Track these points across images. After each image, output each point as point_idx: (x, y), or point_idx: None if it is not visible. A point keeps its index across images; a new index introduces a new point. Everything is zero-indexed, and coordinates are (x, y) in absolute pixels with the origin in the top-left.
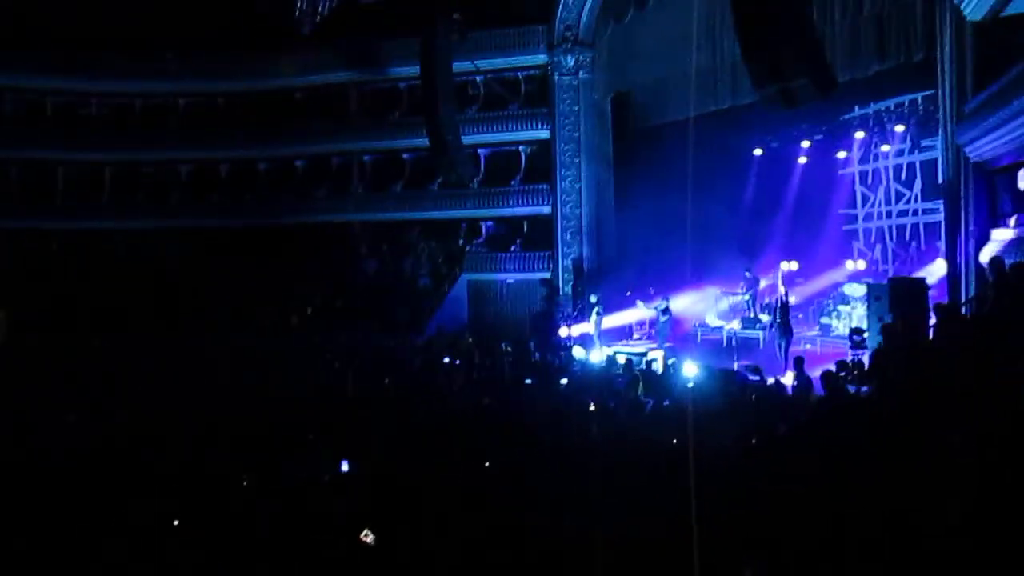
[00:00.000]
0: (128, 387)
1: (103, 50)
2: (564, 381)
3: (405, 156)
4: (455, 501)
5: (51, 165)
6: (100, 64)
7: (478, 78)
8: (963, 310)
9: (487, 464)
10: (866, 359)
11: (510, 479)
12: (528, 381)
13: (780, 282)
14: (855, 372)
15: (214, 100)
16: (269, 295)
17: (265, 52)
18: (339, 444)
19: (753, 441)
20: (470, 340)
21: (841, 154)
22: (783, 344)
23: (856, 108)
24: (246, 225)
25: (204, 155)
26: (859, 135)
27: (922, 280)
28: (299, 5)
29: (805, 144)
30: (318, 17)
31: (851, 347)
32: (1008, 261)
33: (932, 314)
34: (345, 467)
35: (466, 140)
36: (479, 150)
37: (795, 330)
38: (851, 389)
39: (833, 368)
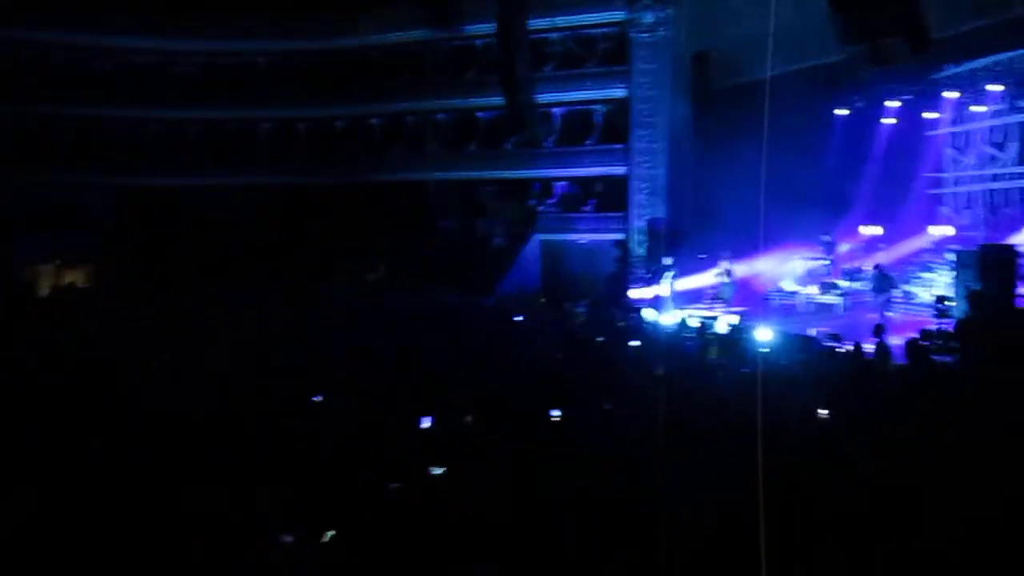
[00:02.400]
0: (214, 338)
1: (188, 10)
2: (635, 343)
3: (480, 115)
4: (522, 459)
5: (139, 122)
6: (185, 24)
7: (554, 35)
8: None
9: (554, 421)
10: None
11: (575, 436)
12: (600, 340)
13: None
14: (940, 341)
15: (293, 59)
16: (346, 253)
17: (343, 11)
18: (418, 402)
19: (830, 412)
20: (543, 300)
21: (931, 115)
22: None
23: (950, 66)
24: (323, 182)
25: (283, 114)
26: (951, 95)
27: (1011, 247)
28: None
29: (893, 104)
30: None
31: (936, 315)
32: None
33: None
34: (426, 423)
35: (541, 99)
36: (554, 109)
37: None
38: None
39: (917, 336)
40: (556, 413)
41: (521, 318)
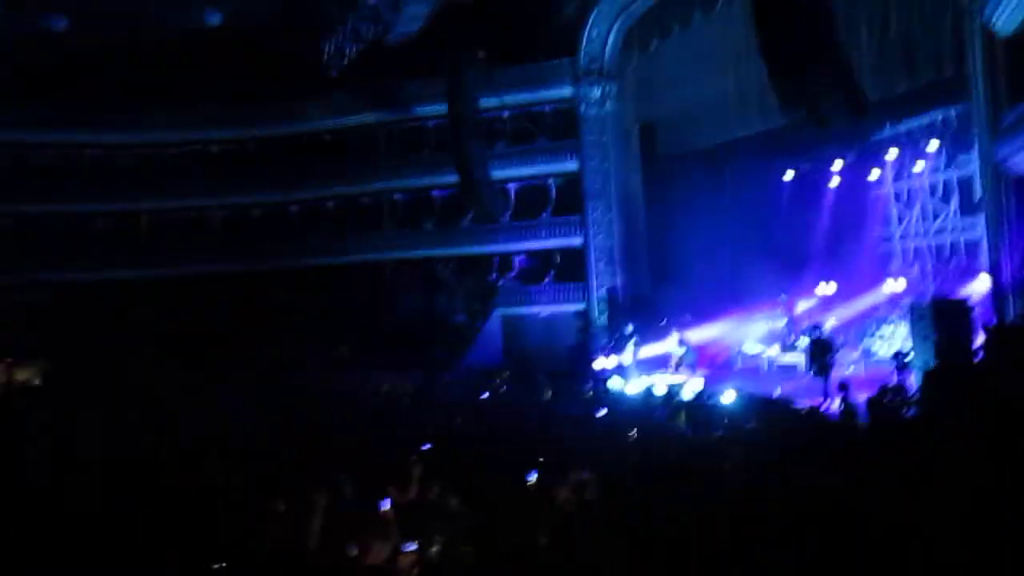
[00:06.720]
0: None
1: (135, 101)
2: (602, 412)
3: (435, 193)
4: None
5: (87, 217)
6: (133, 115)
7: (504, 113)
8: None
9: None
10: (911, 380)
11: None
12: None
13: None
14: (899, 396)
15: (245, 146)
16: (304, 337)
17: (294, 97)
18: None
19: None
20: (506, 374)
21: (875, 173)
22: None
23: (888, 126)
24: (279, 268)
25: (237, 200)
26: (892, 153)
27: (964, 301)
28: (326, 49)
29: (837, 165)
30: (345, 60)
31: (896, 369)
32: None
33: (981, 334)
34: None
35: (495, 175)
36: (508, 184)
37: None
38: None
39: (876, 394)
40: (532, 477)
41: (486, 394)
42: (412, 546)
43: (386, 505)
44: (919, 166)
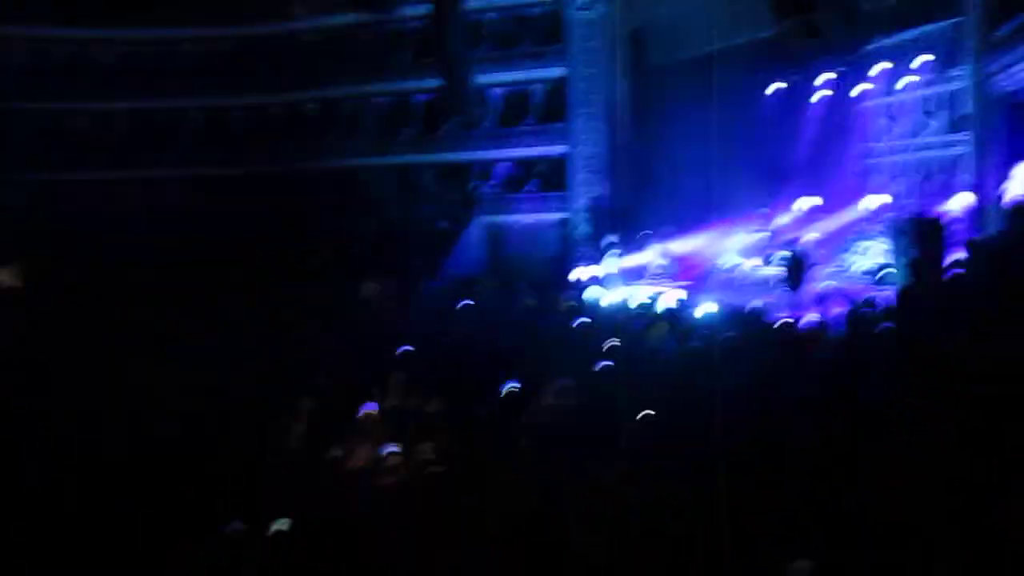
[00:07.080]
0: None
1: None
2: (581, 321)
3: (416, 98)
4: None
5: (59, 114)
6: (106, 11)
7: (490, 15)
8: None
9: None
10: (888, 295)
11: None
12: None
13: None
14: (876, 309)
15: (222, 45)
16: (283, 243)
17: None
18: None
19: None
20: (488, 283)
21: (864, 86)
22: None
23: (878, 39)
24: (256, 171)
25: (213, 102)
26: (882, 66)
27: (940, 216)
28: None
29: (827, 76)
30: None
31: (875, 283)
32: None
33: (963, 250)
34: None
35: (479, 80)
36: (492, 90)
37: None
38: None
39: (853, 307)
40: (512, 385)
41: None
42: (394, 448)
43: (369, 408)
44: (907, 81)
